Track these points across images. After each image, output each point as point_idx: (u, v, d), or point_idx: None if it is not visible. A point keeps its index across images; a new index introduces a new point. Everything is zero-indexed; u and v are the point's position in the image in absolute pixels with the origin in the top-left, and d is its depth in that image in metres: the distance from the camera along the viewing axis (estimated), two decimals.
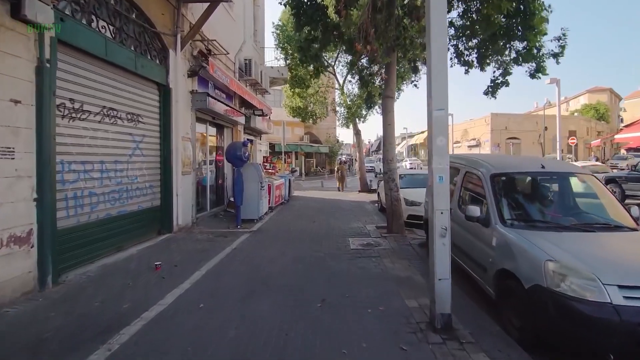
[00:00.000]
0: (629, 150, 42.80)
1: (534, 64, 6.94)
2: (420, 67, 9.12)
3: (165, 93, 7.32)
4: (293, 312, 3.66)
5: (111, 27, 5.67)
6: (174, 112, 7.43)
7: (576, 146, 38.32)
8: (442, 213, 3.23)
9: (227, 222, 8.67)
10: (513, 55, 6.55)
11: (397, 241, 6.82)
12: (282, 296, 4.10)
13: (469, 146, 39.34)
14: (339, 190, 18.92)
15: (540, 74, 6.67)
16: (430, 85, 3.29)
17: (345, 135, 67.86)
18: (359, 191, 17.71)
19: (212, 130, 10.46)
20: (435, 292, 3.24)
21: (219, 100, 9.23)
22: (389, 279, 4.76)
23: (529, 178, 4.51)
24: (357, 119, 17.02)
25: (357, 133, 17.87)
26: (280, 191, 11.56)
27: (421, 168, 35.14)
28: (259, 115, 12.05)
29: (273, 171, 14.51)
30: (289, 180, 14.37)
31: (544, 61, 6.71)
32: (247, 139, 13.63)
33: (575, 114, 44.33)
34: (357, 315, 3.61)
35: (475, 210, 4.01)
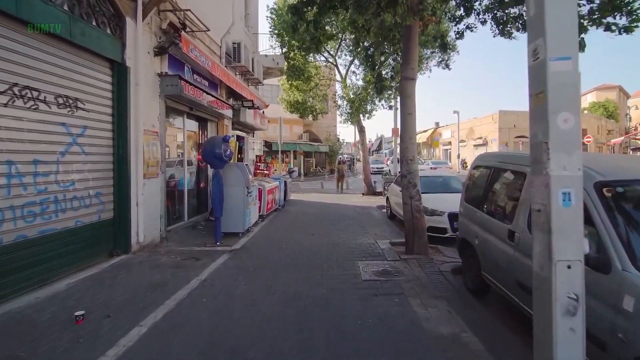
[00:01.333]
0: (634, 150, 41.24)
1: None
2: (449, 43, 7.17)
3: (120, 73, 5.67)
4: None
5: None
6: (132, 98, 5.79)
7: (587, 145, 36.79)
8: (569, 267, 1.60)
9: (206, 236, 7.04)
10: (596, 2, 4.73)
11: (421, 266, 5.18)
12: None
13: (475, 145, 37.69)
14: (340, 192, 17.89)
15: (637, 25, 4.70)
16: (543, 16, 1.65)
17: (345, 133, 66.18)
18: (363, 194, 16.07)
19: (192, 124, 8.81)
20: None
21: (198, 87, 7.57)
22: (427, 339, 3.13)
23: None
24: (361, 115, 15.38)
25: (360, 130, 16.20)
26: (273, 196, 9.92)
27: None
28: (250, 108, 10.40)
29: (267, 172, 12.87)
30: (285, 182, 12.73)
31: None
32: (237, 136, 11.99)
33: (585, 112, 42.67)
34: None
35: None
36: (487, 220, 4.12)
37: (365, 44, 9.03)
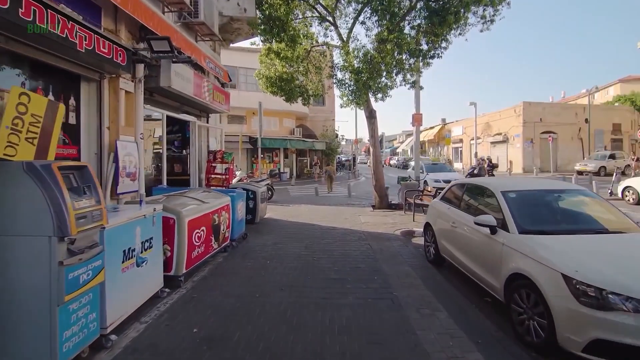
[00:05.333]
0: None
1: None
2: None
3: None
4: None
5: None
6: None
7: (621, 142, 32.20)
8: None
9: None
10: None
11: None
12: None
13: (492, 142, 33.02)
14: (330, 191, 16.84)
15: None
16: None
17: (345, 129, 61.47)
18: (373, 207, 11.29)
19: (15, 79, 4.02)
20: None
21: None
22: None
23: None
24: (370, 94, 10.55)
25: (370, 115, 11.36)
26: (211, 226, 5.09)
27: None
28: (169, 57, 5.50)
29: (228, 177, 8.11)
30: (254, 194, 7.98)
31: None
32: (171, 117, 7.08)
33: (616, 104, 37.97)
34: None
35: None
36: None
37: None
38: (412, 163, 34.71)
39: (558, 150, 28.73)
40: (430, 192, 9.65)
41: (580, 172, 23.26)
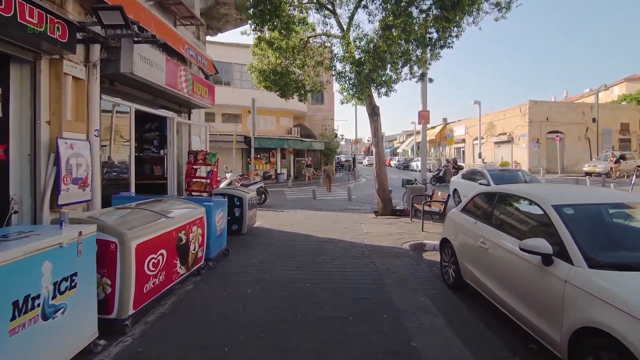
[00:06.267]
0: None
1: None
2: None
3: None
4: None
5: None
6: None
7: (629, 142, 31.21)
8: None
9: None
10: None
11: None
12: None
13: (496, 142, 31.99)
14: (329, 191, 16.69)
15: None
16: None
17: (343, 129, 60.34)
18: (376, 213, 10.25)
19: None
20: None
21: None
22: None
23: None
24: (374, 88, 9.51)
25: (372, 112, 10.30)
26: (173, 249, 4.05)
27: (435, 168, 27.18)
28: (132, 37, 4.43)
29: (207, 181, 7.09)
30: (241, 200, 6.95)
31: None
32: (146, 114, 5.93)
33: (624, 102, 36.92)
34: None
35: None
36: None
37: None
38: (414, 164, 33.25)
39: (565, 150, 27.73)
40: (442, 197, 8.62)
41: (589, 174, 22.28)
